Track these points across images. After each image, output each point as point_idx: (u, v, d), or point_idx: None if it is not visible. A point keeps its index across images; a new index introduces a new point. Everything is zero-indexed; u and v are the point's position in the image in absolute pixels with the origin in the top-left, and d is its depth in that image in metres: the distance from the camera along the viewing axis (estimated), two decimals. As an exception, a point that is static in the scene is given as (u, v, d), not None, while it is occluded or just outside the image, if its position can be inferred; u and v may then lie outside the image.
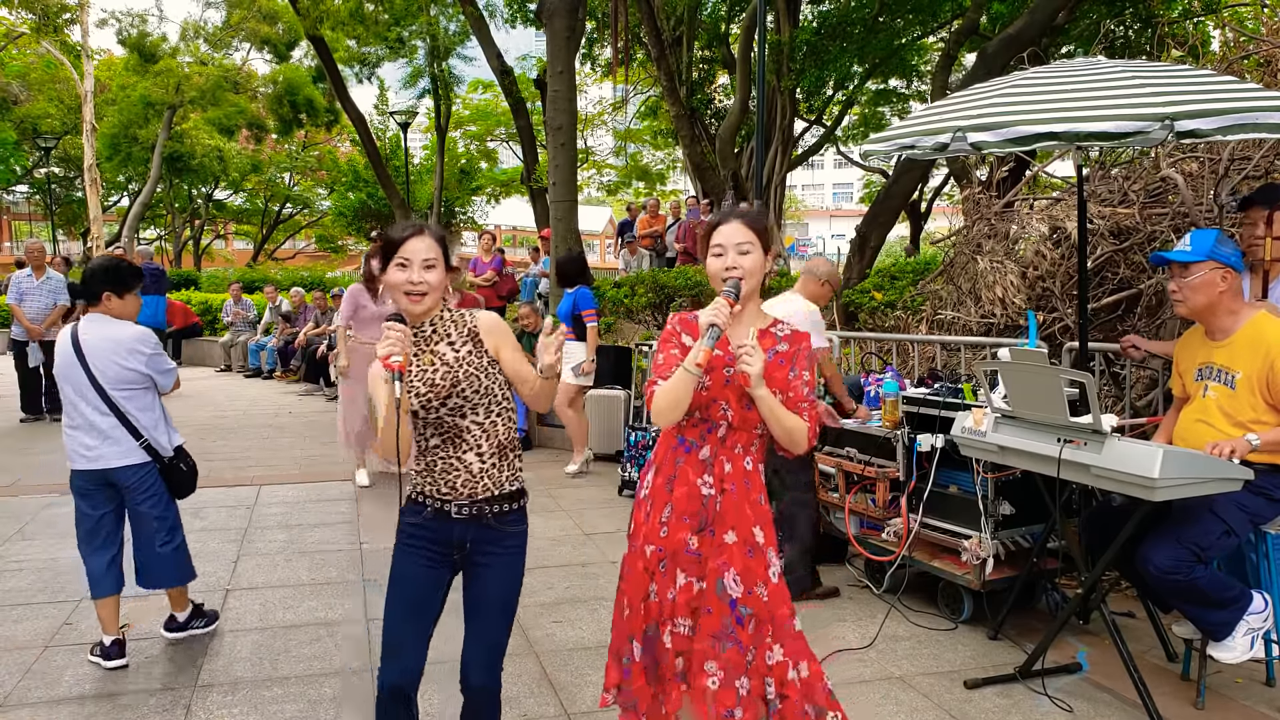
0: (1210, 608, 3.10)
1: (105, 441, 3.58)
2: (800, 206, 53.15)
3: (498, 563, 2.38)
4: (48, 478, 6.98)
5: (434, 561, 2.37)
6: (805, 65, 13.61)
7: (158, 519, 3.70)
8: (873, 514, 4.48)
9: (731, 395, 2.30)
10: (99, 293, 3.63)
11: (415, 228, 2.33)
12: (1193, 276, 3.24)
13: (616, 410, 7.51)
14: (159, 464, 3.70)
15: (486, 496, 2.34)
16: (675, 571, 2.33)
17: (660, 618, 2.35)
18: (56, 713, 3.28)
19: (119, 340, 3.60)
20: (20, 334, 9.31)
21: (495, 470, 2.35)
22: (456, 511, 2.34)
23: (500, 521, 2.37)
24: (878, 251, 11.54)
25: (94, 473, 3.60)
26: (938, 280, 6.74)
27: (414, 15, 19.16)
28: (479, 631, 2.38)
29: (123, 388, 3.60)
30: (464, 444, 2.33)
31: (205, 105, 27.35)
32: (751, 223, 2.33)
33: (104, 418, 3.57)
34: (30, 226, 41.13)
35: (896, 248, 23.54)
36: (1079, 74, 3.52)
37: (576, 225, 10.87)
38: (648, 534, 2.36)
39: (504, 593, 2.39)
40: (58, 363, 3.62)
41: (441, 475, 2.34)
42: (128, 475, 3.62)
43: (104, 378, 3.56)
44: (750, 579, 2.32)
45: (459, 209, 29.90)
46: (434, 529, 2.36)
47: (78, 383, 3.57)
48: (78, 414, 3.59)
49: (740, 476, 2.34)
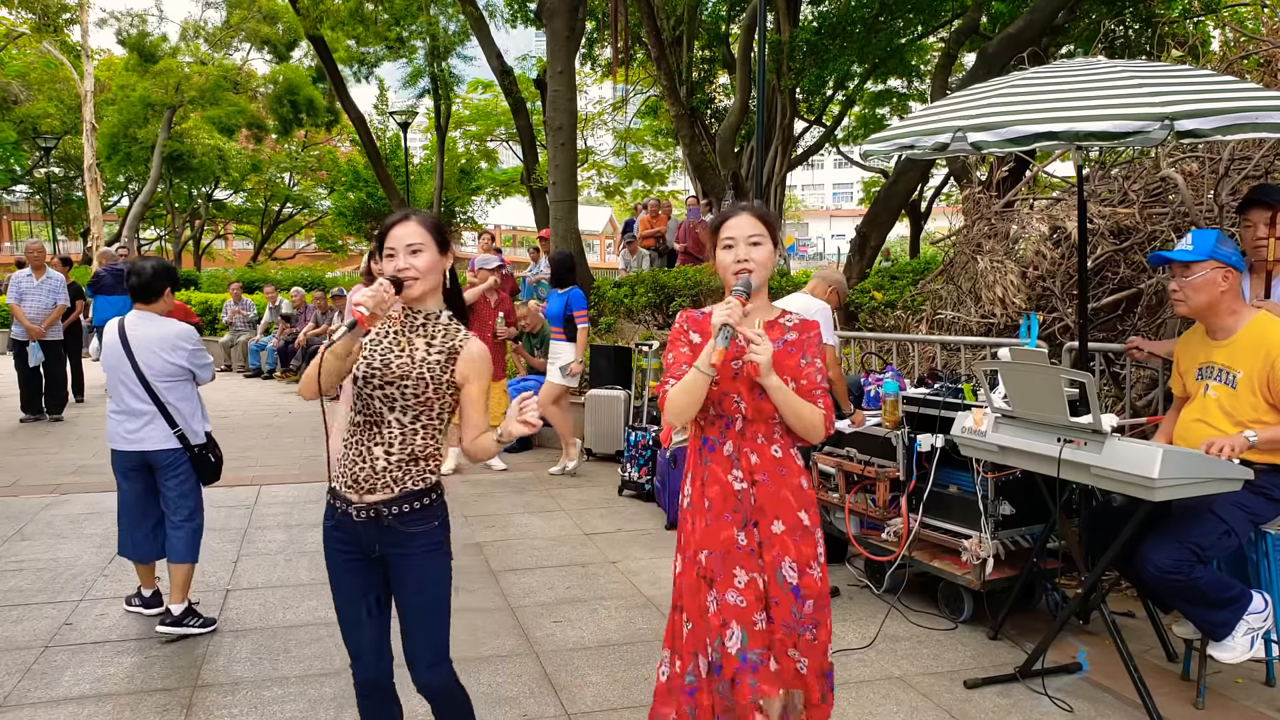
0: (1210, 607, 3.10)
1: (145, 426, 3.96)
2: (800, 206, 53.18)
3: (408, 564, 2.31)
4: (47, 478, 6.98)
5: (357, 563, 2.34)
6: (805, 65, 13.61)
7: (180, 498, 4.05)
8: (873, 514, 4.48)
9: (742, 387, 2.31)
10: (160, 290, 4.02)
11: (401, 215, 2.32)
12: (1194, 276, 3.24)
13: (616, 410, 7.51)
14: (189, 452, 4.05)
15: (384, 498, 2.28)
16: (732, 571, 2.32)
17: (726, 625, 2.31)
18: (56, 713, 3.27)
19: (164, 336, 3.97)
20: (20, 334, 9.30)
21: (398, 473, 2.29)
22: (357, 515, 2.29)
23: (402, 522, 2.29)
24: (878, 251, 11.55)
25: (133, 454, 3.99)
26: (938, 280, 6.73)
27: (414, 15, 19.17)
28: (411, 632, 2.35)
29: (165, 379, 3.97)
30: (379, 436, 2.28)
31: (205, 105, 27.37)
32: (761, 215, 2.36)
33: (145, 405, 3.94)
34: (30, 226, 41.15)
35: (897, 248, 23.55)
36: (1079, 74, 3.51)
37: (576, 225, 10.89)
38: (697, 541, 2.36)
39: (427, 592, 2.34)
40: (105, 353, 3.99)
41: (350, 464, 2.31)
42: (162, 458, 4.00)
43: (149, 370, 3.93)
44: (804, 562, 2.34)
45: (459, 209, 29.91)
46: (345, 531, 2.33)
47: (124, 373, 3.93)
48: (122, 400, 3.96)
49: (771, 465, 2.34)
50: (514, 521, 5.83)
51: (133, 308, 4.03)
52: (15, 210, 38.88)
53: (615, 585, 4.63)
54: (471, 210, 31.40)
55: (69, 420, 9.72)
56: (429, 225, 2.31)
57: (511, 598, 4.42)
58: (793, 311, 2.49)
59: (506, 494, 6.53)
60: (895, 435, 4.31)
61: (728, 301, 2.22)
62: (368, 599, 2.37)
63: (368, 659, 2.38)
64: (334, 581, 2.38)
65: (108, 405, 4.07)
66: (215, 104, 27.36)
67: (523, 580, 4.69)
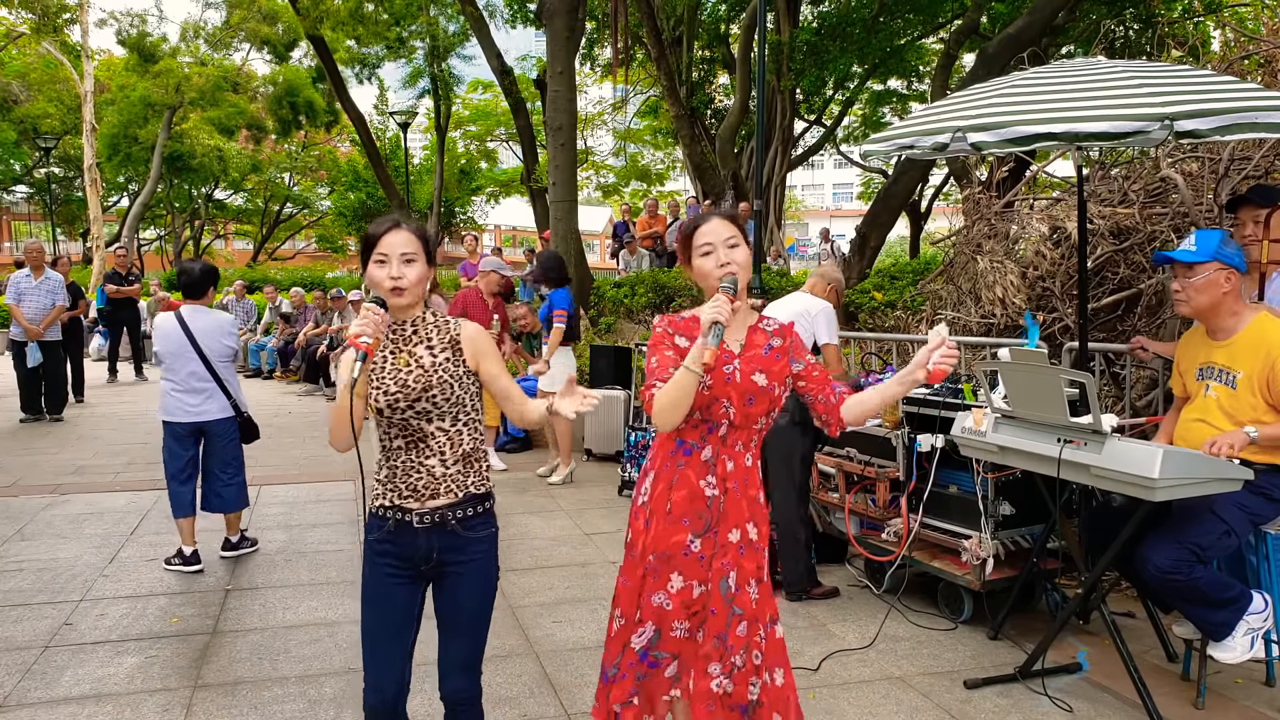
0: (1210, 608, 3.10)
1: (206, 400, 4.76)
2: (800, 206, 53.15)
3: (468, 570, 2.29)
4: (48, 478, 6.98)
5: (403, 579, 2.28)
6: (805, 65, 13.62)
7: (233, 459, 4.90)
8: (873, 514, 4.48)
9: (734, 393, 2.28)
10: (206, 287, 4.88)
11: (392, 222, 2.27)
12: (1197, 277, 3.23)
13: (616, 410, 7.51)
14: (239, 418, 4.88)
15: (449, 502, 2.26)
16: (669, 575, 2.30)
17: (641, 623, 2.32)
18: (56, 713, 3.27)
19: (220, 325, 4.83)
20: (19, 334, 9.30)
21: (460, 475, 2.27)
22: (418, 521, 2.24)
23: (465, 527, 2.28)
24: (878, 251, 11.55)
25: (192, 424, 4.76)
26: (938, 280, 6.74)
27: (414, 15, 19.18)
28: (456, 641, 2.31)
29: (221, 360, 4.79)
30: (428, 449, 2.26)
31: (205, 106, 27.38)
32: (731, 218, 2.37)
33: (206, 383, 4.75)
34: (30, 226, 41.13)
35: (897, 248, 23.55)
36: (1078, 74, 3.51)
37: (576, 225, 10.89)
38: (648, 543, 2.33)
39: (479, 602, 2.32)
40: (166, 341, 4.72)
41: (403, 479, 2.26)
42: (218, 425, 4.81)
43: (210, 353, 4.73)
44: (743, 577, 2.31)
45: (459, 209, 29.91)
46: (398, 543, 2.26)
47: (188, 356, 4.70)
48: (183, 380, 4.72)
49: (741, 474, 2.33)
50: (514, 521, 5.83)
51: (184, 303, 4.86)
52: (15, 210, 38.87)
53: (615, 585, 4.62)
54: (471, 210, 31.40)
55: (69, 420, 9.72)
56: (420, 235, 2.28)
57: (511, 598, 4.42)
58: (770, 316, 2.48)
59: (507, 494, 6.53)
60: (895, 435, 4.31)
61: (716, 299, 2.19)
62: (411, 614, 2.32)
63: (391, 676, 2.30)
64: (374, 597, 2.29)
65: (163, 385, 4.76)
66: (215, 105, 27.37)
67: (523, 580, 4.69)
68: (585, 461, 7.72)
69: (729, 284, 2.25)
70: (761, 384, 2.29)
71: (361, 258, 2.31)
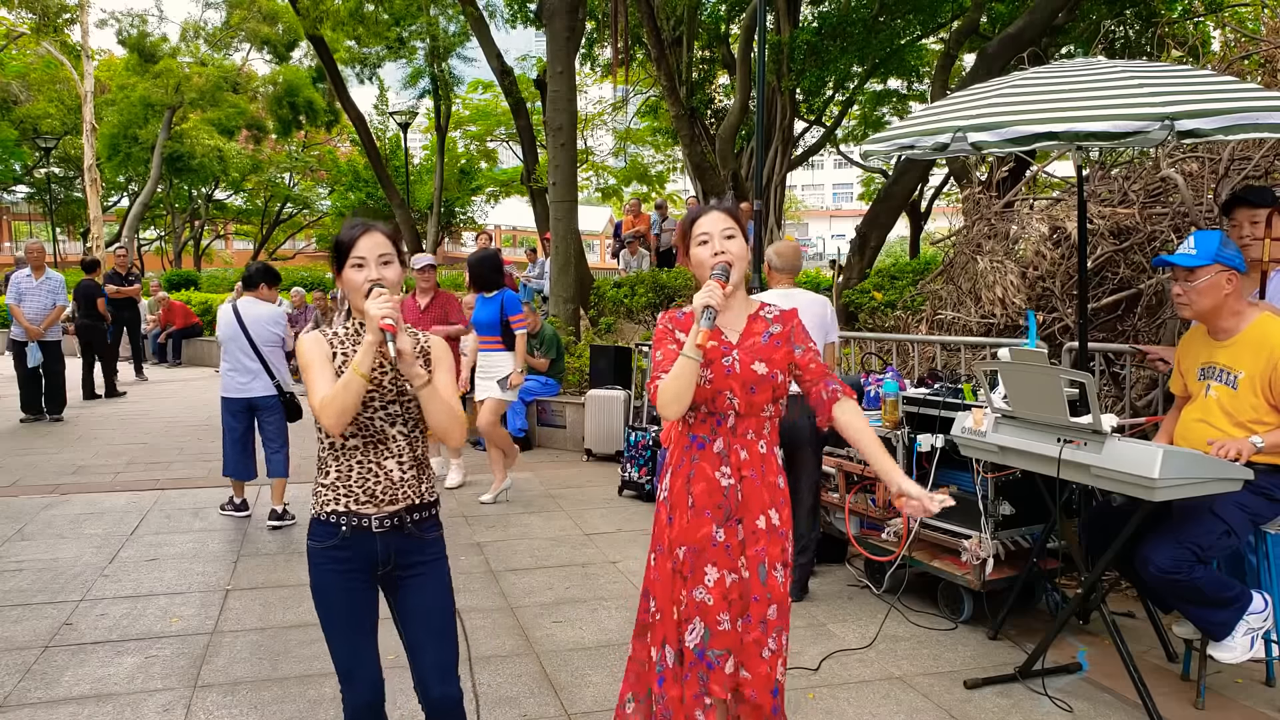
0: (1210, 608, 3.10)
1: (253, 380, 5.59)
2: (800, 206, 53.14)
3: (431, 568, 2.32)
4: (48, 478, 6.98)
5: (359, 582, 2.28)
6: (805, 65, 13.60)
7: (278, 432, 5.72)
8: (873, 514, 4.48)
9: (735, 384, 2.32)
10: (258, 283, 5.72)
11: (363, 226, 2.27)
12: (1199, 281, 3.22)
13: (616, 410, 7.51)
14: (281, 396, 5.64)
15: (405, 505, 2.28)
16: (704, 568, 2.33)
17: (688, 621, 2.34)
18: (56, 713, 3.27)
19: (269, 315, 5.67)
20: (19, 334, 9.30)
21: (415, 480, 2.30)
22: (377, 526, 2.25)
23: (420, 529, 2.31)
24: (878, 251, 11.55)
25: (243, 400, 5.61)
26: (938, 280, 6.73)
27: (414, 15, 19.18)
28: (428, 643, 2.31)
29: (268, 345, 5.59)
30: (386, 451, 2.27)
31: (205, 106, 27.36)
32: (730, 211, 2.40)
33: (253, 364, 5.57)
34: (30, 227, 41.13)
35: (897, 248, 23.54)
36: (1079, 74, 3.51)
37: (576, 225, 10.88)
38: (674, 536, 2.37)
39: (442, 600, 2.33)
40: (224, 327, 5.59)
41: (359, 483, 2.25)
42: (264, 401, 5.63)
43: (258, 339, 5.55)
44: (772, 562, 2.36)
45: (459, 209, 29.91)
46: (353, 549, 2.25)
47: (240, 341, 5.53)
48: (237, 361, 5.57)
49: (757, 461, 2.36)
50: (514, 521, 5.83)
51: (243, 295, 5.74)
52: (15, 210, 38.86)
53: (615, 585, 4.63)
54: (471, 210, 31.40)
55: (69, 420, 9.72)
56: (392, 236, 2.29)
57: (511, 598, 4.42)
58: (771, 304, 2.50)
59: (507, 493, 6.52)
60: (895, 435, 4.31)
61: (708, 285, 2.25)
62: (368, 620, 2.32)
63: (366, 681, 2.31)
64: (331, 603, 2.28)
65: (222, 365, 5.72)
66: (215, 105, 27.35)
67: (523, 580, 4.69)
68: (585, 462, 7.72)
69: (720, 271, 2.29)
70: (762, 372, 2.33)
71: (334, 263, 2.29)
